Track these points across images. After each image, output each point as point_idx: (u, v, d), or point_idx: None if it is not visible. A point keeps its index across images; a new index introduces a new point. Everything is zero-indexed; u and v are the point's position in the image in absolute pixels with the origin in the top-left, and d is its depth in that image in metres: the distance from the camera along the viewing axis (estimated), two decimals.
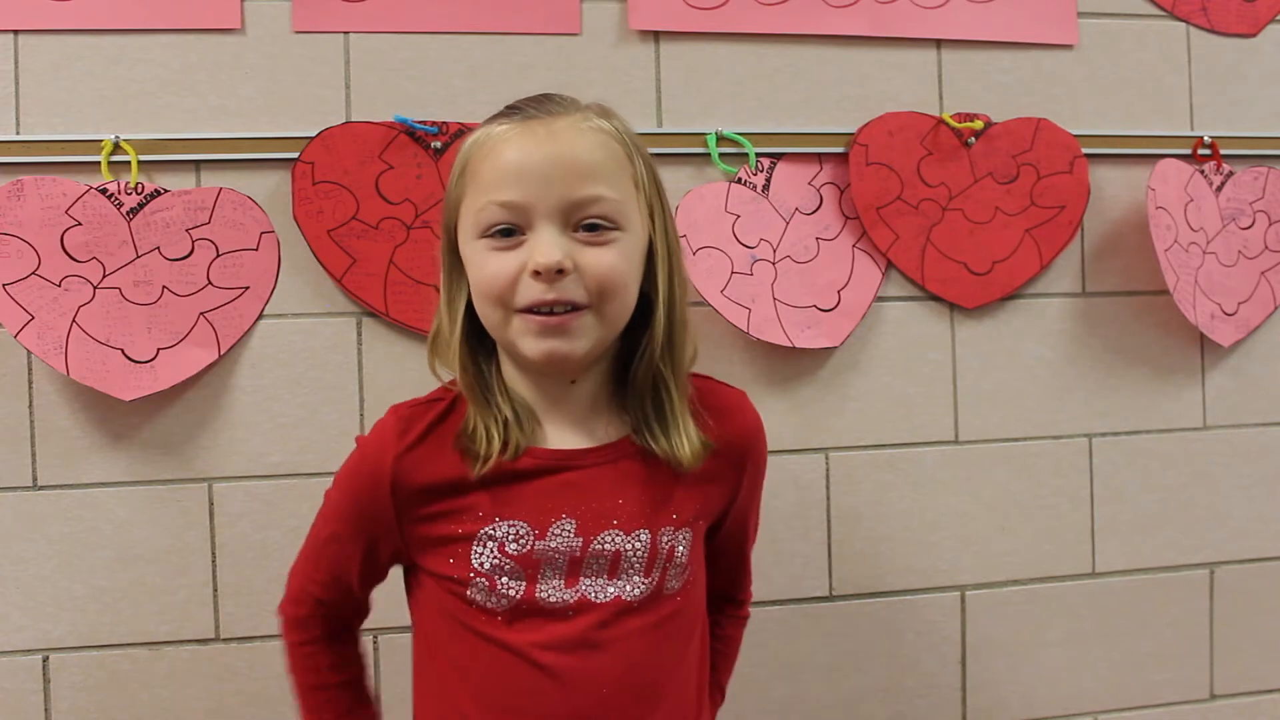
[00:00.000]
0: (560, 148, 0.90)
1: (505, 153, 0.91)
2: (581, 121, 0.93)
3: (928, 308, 1.40)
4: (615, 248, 0.91)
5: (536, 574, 0.94)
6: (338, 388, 1.28)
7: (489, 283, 0.91)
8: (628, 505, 0.96)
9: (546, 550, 0.94)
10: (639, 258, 0.94)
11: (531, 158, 0.90)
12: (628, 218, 0.92)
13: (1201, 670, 1.48)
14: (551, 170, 0.89)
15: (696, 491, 0.99)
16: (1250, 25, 1.49)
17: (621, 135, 0.95)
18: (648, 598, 0.96)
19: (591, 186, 0.90)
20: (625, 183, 0.93)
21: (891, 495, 1.40)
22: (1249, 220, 1.48)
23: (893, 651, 1.40)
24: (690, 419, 0.97)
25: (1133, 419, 1.46)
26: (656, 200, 0.96)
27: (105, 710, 1.23)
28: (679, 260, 0.98)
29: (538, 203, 0.89)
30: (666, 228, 0.97)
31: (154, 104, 1.24)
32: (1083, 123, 1.43)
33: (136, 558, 1.24)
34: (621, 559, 0.95)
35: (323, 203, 1.25)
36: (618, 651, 0.94)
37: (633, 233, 0.93)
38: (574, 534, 0.94)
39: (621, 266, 0.91)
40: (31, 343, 1.19)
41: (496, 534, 0.94)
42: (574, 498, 0.95)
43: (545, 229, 0.89)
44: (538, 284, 0.89)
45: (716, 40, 1.35)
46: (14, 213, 1.19)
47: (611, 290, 0.91)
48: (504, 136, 0.92)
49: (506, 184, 0.90)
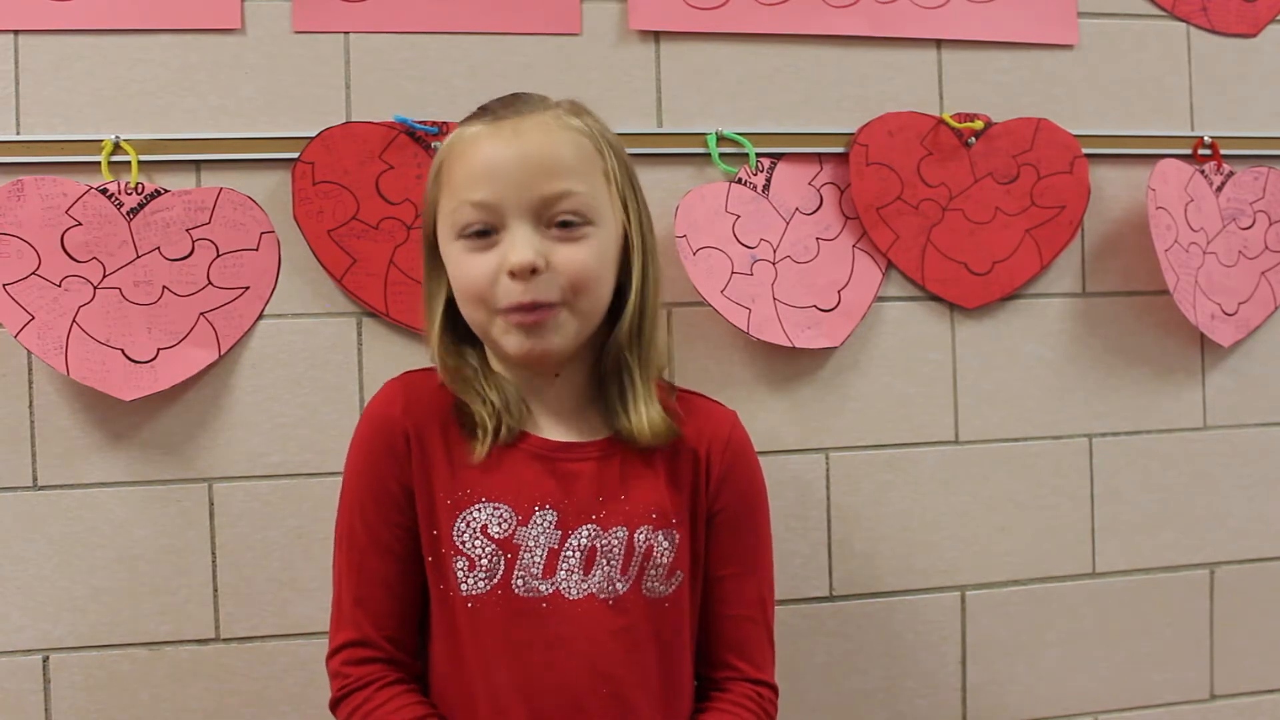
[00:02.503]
0: (528, 146, 0.92)
1: (476, 153, 0.93)
2: (549, 119, 0.95)
3: (928, 308, 1.40)
4: (588, 244, 0.93)
5: (515, 560, 0.94)
6: (338, 388, 1.28)
7: (469, 284, 0.94)
8: (607, 502, 0.97)
9: (526, 538, 0.94)
10: (613, 251, 0.96)
11: (500, 157, 0.92)
12: (599, 212, 0.94)
13: (1201, 670, 1.48)
14: (521, 168, 0.91)
15: (678, 494, 0.99)
16: (1250, 25, 1.49)
17: (590, 130, 0.96)
18: (623, 598, 0.96)
19: (561, 182, 0.92)
20: (595, 177, 0.95)
21: (891, 495, 1.40)
22: (1249, 220, 1.48)
23: (893, 651, 1.40)
24: (655, 403, 0.98)
25: (1133, 419, 1.46)
26: (630, 193, 0.98)
27: (105, 710, 1.23)
28: (653, 253, 0.99)
29: (509, 201, 0.91)
30: (641, 219, 0.98)
31: (154, 104, 1.24)
32: (1083, 123, 1.43)
33: (136, 558, 1.24)
34: (597, 555, 0.95)
35: (323, 203, 1.25)
36: (586, 651, 0.94)
37: (605, 227, 0.95)
38: (553, 526, 0.95)
39: (594, 262, 0.93)
40: (31, 343, 1.19)
41: (480, 515, 0.95)
42: (557, 490, 0.96)
43: (518, 227, 0.91)
44: (515, 285, 0.91)
45: (716, 40, 1.35)
46: (14, 213, 1.19)
47: (585, 286, 0.93)
48: (474, 137, 0.94)
49: (478, 184, 0.92)
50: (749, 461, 1.05)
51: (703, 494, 1.01)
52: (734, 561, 1.03)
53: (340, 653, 0.97)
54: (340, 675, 0.96)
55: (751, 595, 1.04)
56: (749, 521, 1.04)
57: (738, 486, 1.03)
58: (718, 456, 1.02)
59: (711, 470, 1.01)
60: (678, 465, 1.00)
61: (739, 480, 1.03)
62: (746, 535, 1.04)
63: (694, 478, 1.01)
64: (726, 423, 1.05)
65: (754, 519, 1.04)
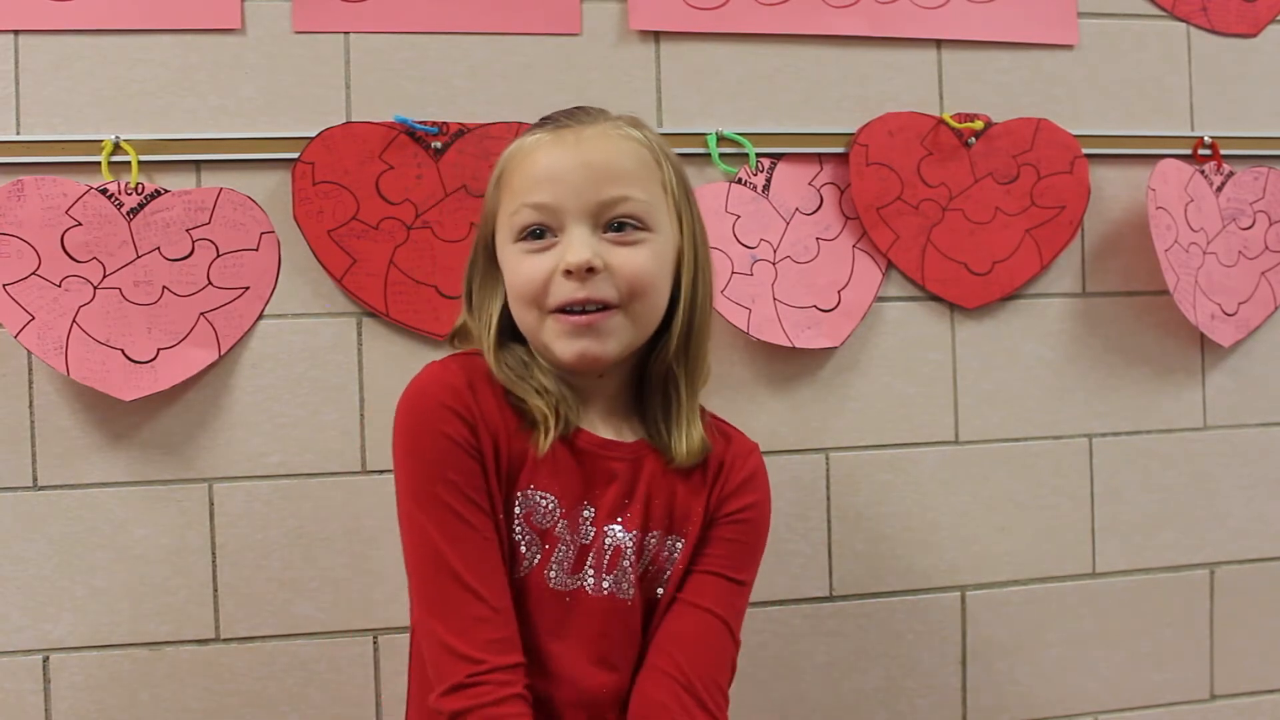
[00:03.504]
0: (588, 152, 0.93)
1: (537, 159, 0.94)
2: (610, 129, 0.96)
3: (928, 308, 1.40)
4: (645, 248, 0.94)
5: (552, 552, 0.95)
6: (338, 388, 1.28)
7: (524, 284, 0.94)
8: (633, 505, 0.98)
9: (565, 531, 0.95)
10: (669, 260, 0.97)
11: (561, 162, 0.93)
12: (656, 220, 0.95)
13: (1201, 670, 1.48)
14: (580, 173, 0.92)
15: (694, 502, 1.00)
16: (1250, 25, 1.49)
17: (649, 142, 0.97)
18: (634, 598, 0.98)
19: (619, 188, 0.92)
20: (653, 186, 0.95)
21: (891, 495, 1.40)
22: (1249, 220, 1.48)
23: (893, 651, 1.40)
24: (698, 424, 1.00)
25: (1133, 419, 1.46)
26: (685, 206, 0.99)
27: (105, 710, 1.23)
28: (706, 267, 1.00)
29: (568, 204, 0.92)
30: (695, 234, 0.99)
31: (154, 104, 1.24)
32: (1083, 123, 1.43)
33: (136, 558, 1.24)
34: (621, 556, 0.96)
35: (323, 203, 1.25)
36: (596, 644, 0.96)
37: (662, 235, 0.95)
38: (590, 523, 0.96)
39: (651, 266, 0.94)
40: (32, 343, 1.19)
41: (529, 502, 0.95)
42: (598, 488, 0.97)
43: (576, 230, 0.92)
44: (569, 283, 0.91)
45: (716, 40, 1.35)
46: (14, 213, 1.19)
47: (641, 289, 0.93)
48: (536, 145, 0.95)
49: (538, 188, 0.93)
50: (762, 485, 1.04)
51: (715, 500, 1.01)
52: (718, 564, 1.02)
53: (461, 693, 0.88)
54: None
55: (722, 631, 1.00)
56: (742, 551, 1.03)
57: (744, 502, 1.02)
58: (736, 472, 1.02)
59: (728, 483, 1.02)
60: (700, 472, 1.01)
61: (747, 496, 1.02)
62: (739, 551, 1.02)
63: (710, 486, 1.01)
64: (748, 447, 1.06)
65: (749, 547, 1.03)
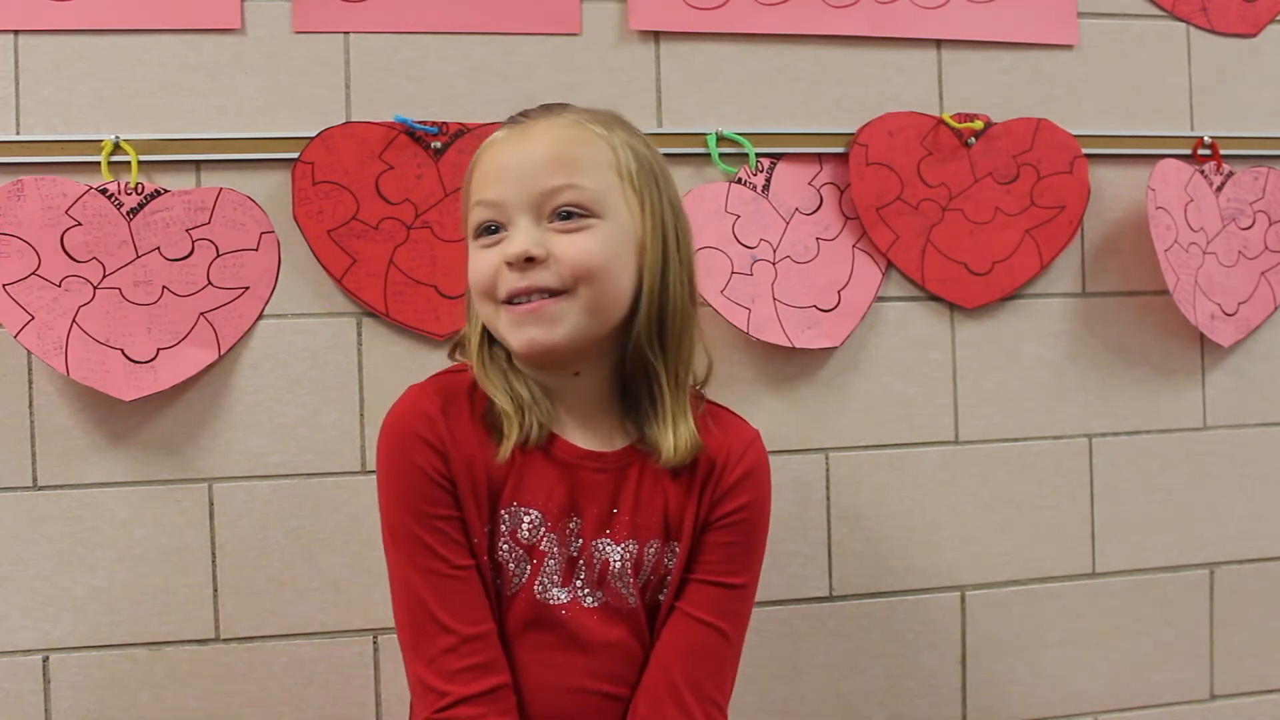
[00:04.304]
0: (533, 145, 0.94)
1: (490, 157, 0.96)
2: (563, 121, 0.96)
3: (928, 308, 1.40)
4: (590, 234, 0.93)
5: (540, 566, 0.95)
6: (338, 388, 1.28)
7: (477, 279, 0.95)
8: (622, 514, 0.97)
9: (553, 544, 0.95)
10: (626, 247, 0.95)
11: (508, 157, 0.94)
12: (606, 206, 0.94)
13: (1201, 670, 1.48)
14: (524, 165, 0.93)
15: (687, 503, 0.99)
16: (1250, 25, 1.49)
17: (604, 130, 0.96)
18: (631, 609, 0.97)
19: (561, 176, 0.92)
20: (603, 172, 0.94)
21: (891, 495, 1.40)
22: (1249, 220, 1.48)
23: (893, 651, 1.40)
24: (687, 419, 0.98)
25: (1133, 419, 1.46)
26: (651, 191, 0.97)
27: (105, 710, 1.23)
28: (676, 254, 0.98)
29: (512, 198, 0.93)
30: (663, 219, 0.97)
31: (154, 104, 1.24)
32: (1083, 123, 1.43)
33: (136, 558, 1.24)
34: (610, 568, 0.96)
35: (323, 203, 1.25)
36: (592, 657, 0.96)
37: (614, 221, 0.94)
38: (577, 535, 0.95)
39: (595, 251, 0.92)
40: (31, 343, 1.19)
41: (510, 519, 0.95)
42: (583, 498, 0.97)
43: (520, 221, 0.93)
44: (513, 274, 0.92)
45: (716, 40, 1.35)
46: (14, 213, 1.19)
47: (586, 274, 0.92)
48: (490, 143, 0.97)
49: (488, 184, 0.94)
50: (759, 482, 1.02)
51: (707, 504, 1.00)
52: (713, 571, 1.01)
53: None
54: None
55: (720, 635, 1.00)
56: (744, 540, 1.02)
57: (738, 503, 1.01)
58: (729, 472, 1.00)
59: (720, 485, 1.00)
60: (691, 474, 0.99)
61: (741, 497, 1.01)
62: (736, 554, 1.01)
63: (702, 489, 0.99)
64: (745, 439, 1.03)
65: (749, 547, 1.02)
